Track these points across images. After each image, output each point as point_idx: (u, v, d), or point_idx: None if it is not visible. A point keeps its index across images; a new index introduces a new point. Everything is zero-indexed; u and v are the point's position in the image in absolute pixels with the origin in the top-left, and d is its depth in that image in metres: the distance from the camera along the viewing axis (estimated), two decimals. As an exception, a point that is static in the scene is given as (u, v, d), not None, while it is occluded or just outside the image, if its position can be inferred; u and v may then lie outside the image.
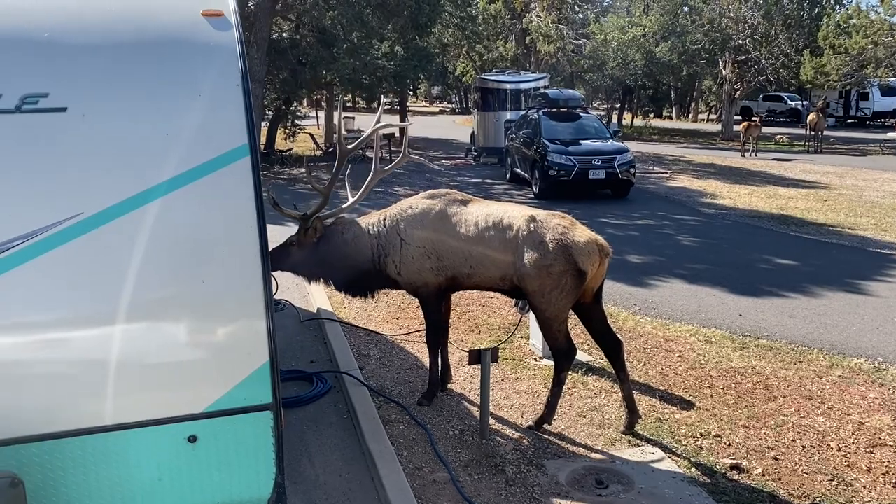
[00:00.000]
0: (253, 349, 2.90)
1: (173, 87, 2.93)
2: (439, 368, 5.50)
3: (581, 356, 6.27)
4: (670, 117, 49.32)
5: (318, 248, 5.21)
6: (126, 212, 2.75)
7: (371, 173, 5.47)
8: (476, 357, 4.81)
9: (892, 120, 35.43)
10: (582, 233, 4.86)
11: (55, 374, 2.75)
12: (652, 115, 44.90)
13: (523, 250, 4.79)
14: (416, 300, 5.60)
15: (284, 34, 20.97)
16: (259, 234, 2.88)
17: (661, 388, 5.76)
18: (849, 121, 39.36)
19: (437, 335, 5.40)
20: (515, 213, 4.97)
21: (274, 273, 4.67)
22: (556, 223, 4.85)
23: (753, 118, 26.76)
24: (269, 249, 3.02)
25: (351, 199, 5.43)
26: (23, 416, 2.69)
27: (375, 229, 5.26)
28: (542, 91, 19.51)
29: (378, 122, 5.57)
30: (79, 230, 2.71)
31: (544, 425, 5.03)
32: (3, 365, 2.68)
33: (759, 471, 4.52)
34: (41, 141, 2.75)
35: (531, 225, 4.82)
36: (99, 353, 2.77)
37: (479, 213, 5.05)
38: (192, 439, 2.89)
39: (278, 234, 5.36)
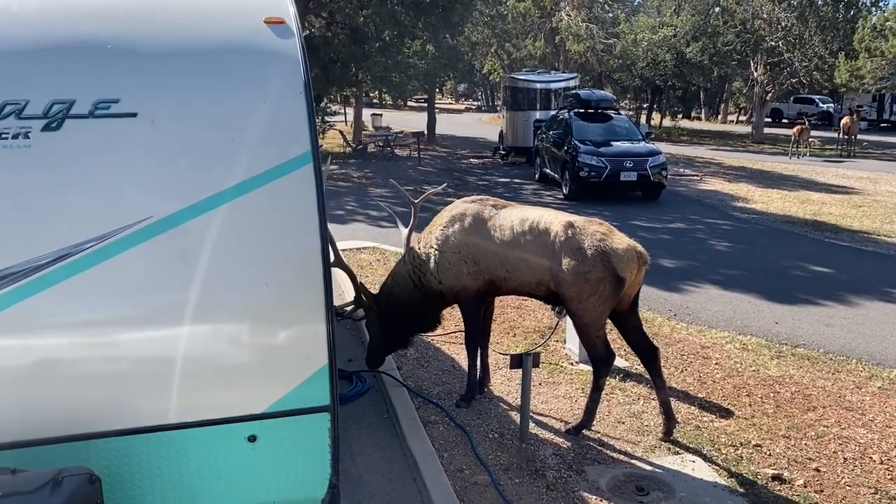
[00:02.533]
0: (313, 352, 2.97)
1: (239, 93, 3.00)
2: (478, 371, 5.55)
3: (618, 362, 6.27)
4: (699, 118, 48.88)
5: (382, 314, 5.52)
6: (194, 216, 2.82)
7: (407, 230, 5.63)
8: (518, 361, 4.85)
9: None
10: (621, 240, 4.86)
11: (124, 373, 2.83)
12: (681, 116, 44.52)
13: (561, 256, 4.80)
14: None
15: (316, 31, 21.08)
16: (321, 239, 2.94)
17: (700, 395, 5.75)
18: (882, 125, 38.77)
19: (476, 339, 5.45)
20: (553, 219, 4.97)
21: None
22: (595, 230, 4.86)
23: (805, 120, 26.52)
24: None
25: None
26: (96, 412, 2.78)
27: (409, 256, 5.42)
28: (573, 91, 19.45)
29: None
30: (149, 233, 2.79)
31: (583, 431, 5.05)
32: (80, 362, 2.78)
33: (801, 482, 4.50)
34: (113, 146, 2.83)
35: (569, 231, 4.83)
36: (166, 353, 2.85)
37: (516, 217, 5.07)
38: (252, 439, 2.97)
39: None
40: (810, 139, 26.83)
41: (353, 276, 5.37)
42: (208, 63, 3.05)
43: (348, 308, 5.74)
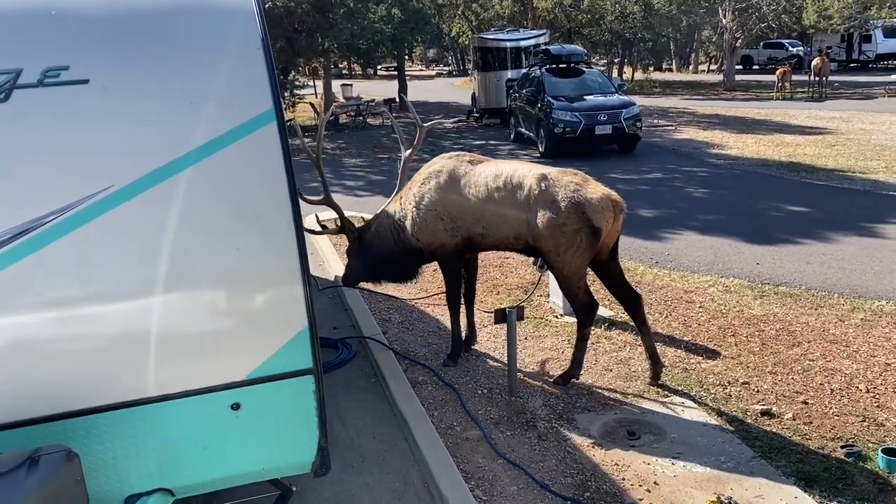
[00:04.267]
0: (291, 315, 2.90)
1: (195, 53, 2.88)
2: (462, 329, 5.52)
3: (602, 311, 6.27)
4: (671, 70, 48.77)
5: (363, 253, 5.53)
6: (157, 182, 2.72)
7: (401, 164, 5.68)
8: (501, 316, 4.81)
9: (896, 62, 35.01)
10: (595, 189, 4.78)
11: (97, 349, 2.75)
12: (652, 69, 44.36)
13: (536, 209, 4.74)
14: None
15: (279, 2, 20.64)
16: (291, 199, 2.85)
17: (685, 338, 5.77)
18: (851, 65, 38.88)
19: (457, 296, 5.43)
20: (526, 172, 4.91)
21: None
22: (569, 180, 4.79)
23: (787, 63, 27.08)
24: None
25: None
26: (70, 390, 2.70)
27: (391, 210, 5.39)
28: (542, 48, 19.23)
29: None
30: (111, 202, 2.69)
31: (572, 380, 5.05)
32: (48, 341, 2.69)
33: (790, 415, 4.54)
34: (66, 114, 2.71)
35: (542, 183, 4.76)
36: (138, 325, 2.77)
37: (489, 172, 5.00)
38: (236, 407, 2.91)
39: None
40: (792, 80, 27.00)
41: (339, 211, 5.52)
42: (161, 23, 2.93)
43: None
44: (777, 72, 27.06)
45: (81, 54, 2.78)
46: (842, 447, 4.16)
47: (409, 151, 5.64)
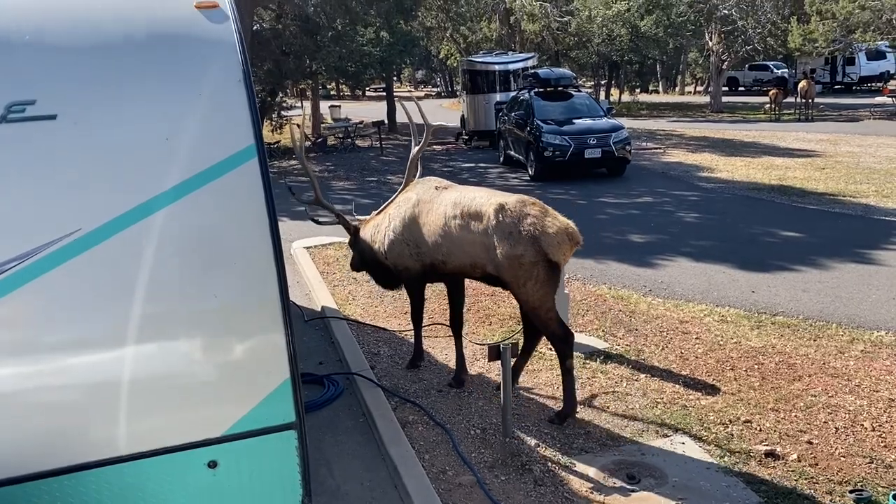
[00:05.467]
0: (272, 365, 2.71)
1: (171, 87, 2.72)
2: (423, 345, 5.90)
3: (597, 343, 6.12)
4: (657, 91, 49.05)
5: (358, 248, 5.90)
6: (128, 225, 2.55)
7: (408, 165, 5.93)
8: (495, 353, 4.63)
9: (880, 84, 35.32)
10: (552, 222, 4.62)
11: (62, 403, 2.55)
12: (639, 90, 44.60)
13: (493, 241, 4.65)
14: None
15: (266, 24, 20.56)
16: (272, 240, 2.68)
17: (683, 373, 5.60)
18: (835, 87, 39.22)
19: (419, 316, 5.73)
20: (484, 201, 4.79)
21: None
22: (527, 212, 4.63)
23: (780, 89, 28.36)
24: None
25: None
26: (32, 449, 2.49)
27: (377, 221, 5.65)
28: (532, 71, 19.21)
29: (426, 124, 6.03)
30: (77, 248, 2.50)
31: (567, 419, 4.86)
32: (13, 395, 2.48)
33: (795, 456, 4.36)
34: (31, 152, 2.53)
35: (500, 214, 4.64)
36: (107, 377, 2.58)
37: (450, 200, 4.98)
38: (213, 465, 2.71)
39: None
40: (768, 105, 27.29)
41: (335, 212, 5.95)
42: (136, 55, 2.76)
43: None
44: (770, 93, 27.86)
45: (49, 88, 2.60)
46: (850, 492, 3.98)
47: (417, 148, 5.82)
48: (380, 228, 5.52)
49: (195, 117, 2.68)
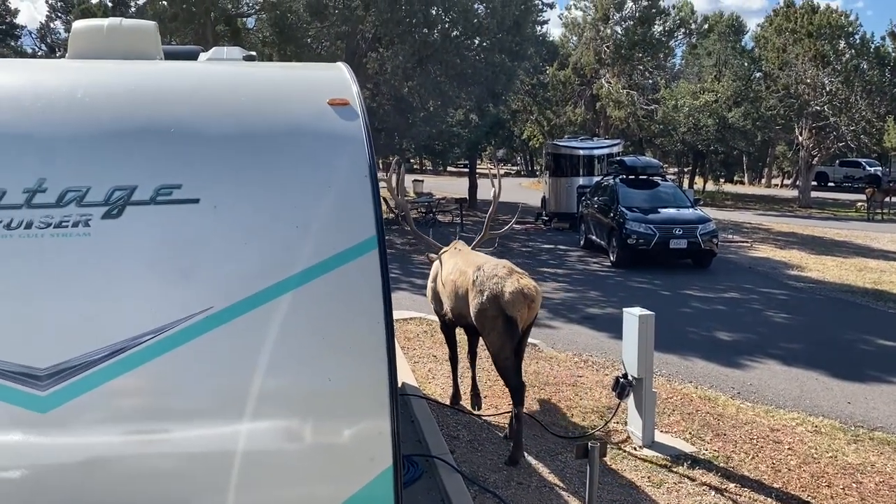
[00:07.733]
0: (376, 452, 2.76)
1: (304, 178, 2.90)
2: (459, 382, 6.76)
3: (684, 446, 5.93)
4: (742, 182, 48.35)
5: None
6: (256, 306, 2.68)
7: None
8: (583, 452, 4.54)
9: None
10: (512, 283, 5.35)
11: (181, 472, 2.66)
12: (723, 180, 44.07)
13: (468, 295, 5.55)
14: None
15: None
16: (386, 330, 2.77)
17: (775, 485, 5.34)
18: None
19: (452, 357, 6.67)
20: (470, 263, 5.72)
21: None
22: (494, 273, 5.44)
23: (874, 188, 28.25)
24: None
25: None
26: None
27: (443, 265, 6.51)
28: (617, 158, 19.34)
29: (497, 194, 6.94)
30: (208, 325, 2.65)
31: (517, 463, 5.41)
32: (133, 462, 2.61)
33: (901, 591, 4.08)
34: (174, 233, 2.73)
35: (475, 273, 5.50)
36: (222, 449, 2.67)
37: (455, 262, 6.02)
38: (311, 548, 2.74)
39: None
40: (860, 204, 26.66)
41: (422, 237, 7.12)
42: (272, 147, 2.96)
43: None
44: (866, 191, 27.99)
45: (194, 173, 2.82)
46: None
47: (491, 209, 7.00)
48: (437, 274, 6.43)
49: (324, 207, 2.84)
